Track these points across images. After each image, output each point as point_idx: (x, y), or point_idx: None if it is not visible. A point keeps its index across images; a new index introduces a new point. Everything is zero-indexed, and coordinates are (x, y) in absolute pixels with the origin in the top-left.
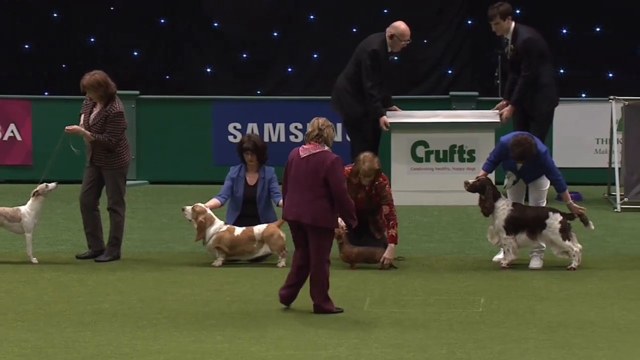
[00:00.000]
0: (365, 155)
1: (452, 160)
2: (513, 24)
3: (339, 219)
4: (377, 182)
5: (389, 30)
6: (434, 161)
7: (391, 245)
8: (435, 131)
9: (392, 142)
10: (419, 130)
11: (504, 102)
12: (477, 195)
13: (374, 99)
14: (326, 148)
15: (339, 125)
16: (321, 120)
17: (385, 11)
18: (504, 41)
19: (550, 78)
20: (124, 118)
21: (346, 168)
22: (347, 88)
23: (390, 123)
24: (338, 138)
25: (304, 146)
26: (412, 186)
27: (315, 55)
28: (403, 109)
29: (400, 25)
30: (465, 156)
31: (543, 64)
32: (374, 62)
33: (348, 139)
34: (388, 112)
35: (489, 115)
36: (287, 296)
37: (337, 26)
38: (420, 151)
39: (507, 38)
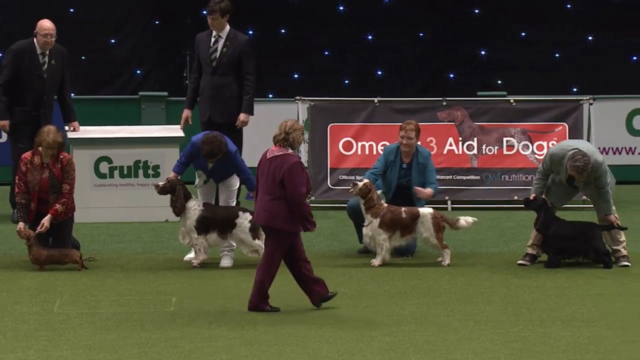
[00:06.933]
0: (50, 128)
1: (136, 175)
2: (228, 25)
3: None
4: (61, 157)
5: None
6: (118, 177)
7: (48, 217)
8: (119, 147)
9: (74, 158)
10: (102, 147)
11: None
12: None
13: None
14: (290, 151)
15: None
16: (289, 123)
17: (72, 10)
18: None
19: (239, 90)
20: None
21: (25, 155)
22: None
23: (71, 139)
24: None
25: (272, 148)
26: (96, 203)
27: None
28: (93, 109)
29: (41, 21)
30: (150, 172)
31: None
32: (6, 60)
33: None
34: (70, 133)
35: (175, 130)
36: (312, 294)
37: (24, 26)
38: (104, 167)
39: (221, 36)
